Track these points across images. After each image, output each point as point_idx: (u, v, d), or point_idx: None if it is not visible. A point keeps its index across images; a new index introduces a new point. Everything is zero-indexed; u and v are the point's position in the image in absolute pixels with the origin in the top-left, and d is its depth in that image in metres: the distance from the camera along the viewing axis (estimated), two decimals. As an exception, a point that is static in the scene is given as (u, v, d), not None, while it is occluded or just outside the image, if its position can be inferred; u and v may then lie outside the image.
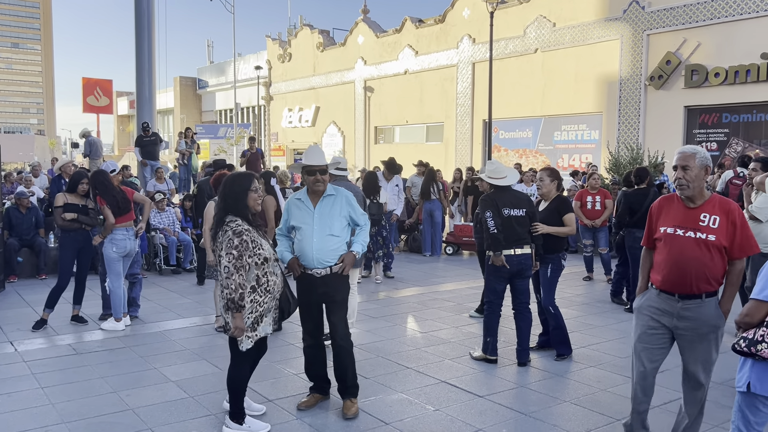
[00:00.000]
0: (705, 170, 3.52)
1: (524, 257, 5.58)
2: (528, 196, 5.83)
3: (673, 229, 3.58)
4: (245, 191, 4.03)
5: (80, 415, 4.48)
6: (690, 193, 3.54)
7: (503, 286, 5.67)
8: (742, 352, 3.02)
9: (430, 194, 12.25)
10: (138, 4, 14.45)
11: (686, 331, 3.55)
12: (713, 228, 3.47)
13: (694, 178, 3.50)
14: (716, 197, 3.57)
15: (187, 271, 10.54)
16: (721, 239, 3.45)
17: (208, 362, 5.70)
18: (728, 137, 15.83)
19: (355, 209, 4.55)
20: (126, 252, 6.84)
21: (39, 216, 10.29)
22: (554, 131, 19.82)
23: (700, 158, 3.51)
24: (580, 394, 4.95)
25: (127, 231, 6.82)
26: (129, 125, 55.57)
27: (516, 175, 5.83)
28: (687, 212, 3.57)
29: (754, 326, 3.03)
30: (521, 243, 5.55)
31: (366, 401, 4.75)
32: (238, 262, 3.85)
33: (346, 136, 28.60)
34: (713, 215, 3.48)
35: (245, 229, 3.93)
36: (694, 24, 15.95)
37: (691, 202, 3.57)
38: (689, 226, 3.53)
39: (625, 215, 7.82)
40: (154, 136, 14.22)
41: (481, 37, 21.15)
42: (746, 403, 3.06)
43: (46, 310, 6.84)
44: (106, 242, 6.76)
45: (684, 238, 3.52)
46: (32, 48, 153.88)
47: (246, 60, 40.09)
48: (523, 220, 5.56)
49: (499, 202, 5.53)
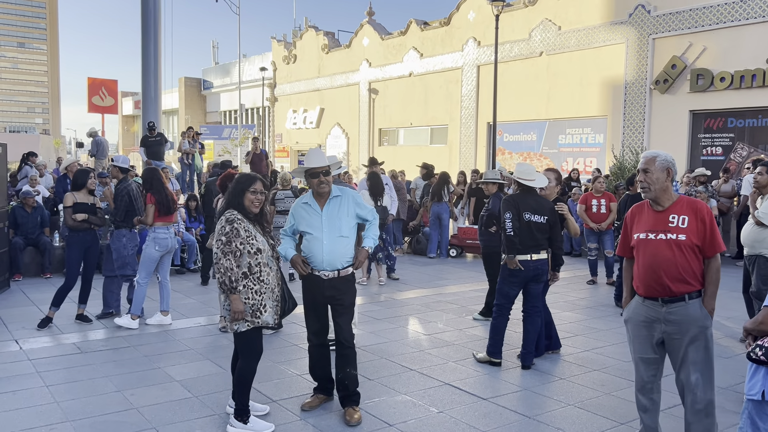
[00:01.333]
0: (666, 172, 3.59)
1: (540, 263, 5.56)
2: (552, 204, 5.72)
3: (645, 234, 3.64)
4: (243, 191, 4.16)
5: (85, 414, 4.49)
6: (653, 195, 3.61)
7: (516, 291, 5.64)
8: (759, 361, 2.98)
9: (442, 197, 12.29)
10: (144, 5, 14.49)
11: (676, 334, 3.57)
12: (682, 228, 3.53)
13: (655, 180, 3.58)
14: (684, 198, 3.64)
15: (192, 271, 10.56)
16: (691, 238, 3.51)
17: (212, 362, 5.71)
18: (733, 142, 15.79)
19: (362, 207, 4.58)
20: (167, 250, 6.96)
21: (44, 215, 10.32)
22: (559, 134, 19.80)
23: (661, 161, 3.60)
24: (584, 398, 4.95)
25: (168, 229, 6.93)
26: (134, 125, 55.64)
27: (544, 181, 5.74)
28: (656, 216, 3.63)
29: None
30: (539, 249, 5.53)
31: (370, 403, 4.75)
32: (227, 247, 4.01)
33: (351, 138, 28.63)
34: (682, 215, 3.56)
35: (238, 219, 4.10)
36: (700, 28, 15.93)
37: (659, 205, 3.63)
38: (659, 228, 3.59)
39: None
40: (159, 137, 14.23)
41: (486, 40, 21.16)
42: (756, 411, 3.04)
43: (52, 309, 6.87)
44: (148, 241, 6.87)
45: (656, 241, 3.58)
46: (38, 48, 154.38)
47: (251, 61, 40.16)
48: (542, 226, 5.52)
49: (522, 206, 5.50)
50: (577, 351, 6.22)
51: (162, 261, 7.03)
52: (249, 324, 4.12)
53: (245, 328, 4.12)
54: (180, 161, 16.21)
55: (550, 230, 5.58)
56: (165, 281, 7.11)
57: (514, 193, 5.74)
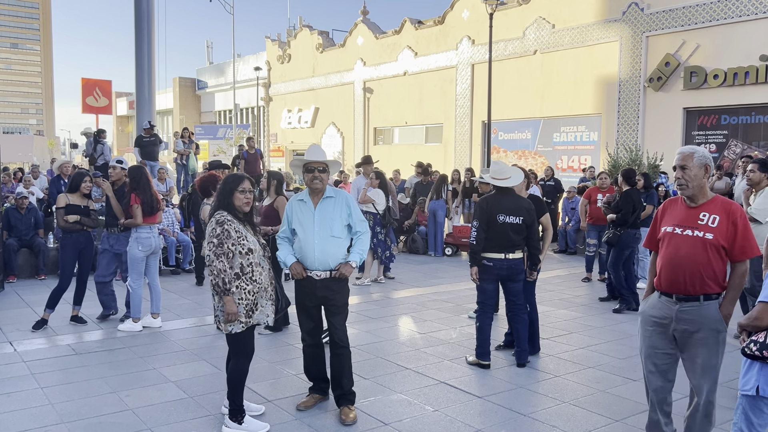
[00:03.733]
0: (704, 169, 3.52)
1: (515, 262, 5.53)
2: (531, 204, 5.66)
3: (672, 228, 3.57)
4: (232, 191, 4.17)
5: (80, 416, 4.48)
6: (690, 193, 3.53)
7: (492, 286, 5.62)
8: (753, 356, 2.99)
9: (441, 194, 12.38)
10: (138, 5, 14.45)
11: (685, 334, 3.50)
12: (712, 227, 3.44)
13: (693, 177, 3.49)
14: (719, 198, 3.56)
15: (186, 271, 10.54)
16: (719, 238, 3.41)
17: (207, 362, 5.70)
18: (727, 139, 15.85)
19: (354, 214, 4.52)
20: (151, 250, 6.88)
21: (38, 216, 10.29)
22: (553, 132, 19.83)
23: (699, 157, 3.51)
24: (579, 395, 4.96)
25: (151, 229, 6.86)
26: (128, 126, 55.52)
27: (520, 176, 5.69)
28: (688, 211, 3.56)
29: (764, 329, 3.01)
30: (514, 249, 5.50)
31: (365, 402, 4.75)
32: (219, 249, 4.02)
33: (346, 137, 28.60)
34: (713, 214, 3.46)
35: (228, 220, 4.10)
36: (693, 26, 15.97)
37: (692, 201, 3.56)
38: (688, 224, 3.52)
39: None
40: (154, 137, 14.20)
41: (481, 39, 21.16)
42: (750, 406, 3.05)
43: (47, 311, 6.85)
44: (131, 242, 6.79)
45: (681, 236, 3.51)
46: (31, 48, 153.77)
47: (245, 61, 40.08)
48: (518, 227, 5.48)
49: (495, 209, 5.46)
50: (572, 348, 6.24)
51: (149, 263, 6.97)
52: (243, 325, 4.12)
53: (239, 330, 4.12)
54: (174, 161, 16.18)
55: (527, 230, 5.54)
56: (154, 283, 7.04)
57: (488, 195, 5.67)
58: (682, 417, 3.69)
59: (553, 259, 12.28)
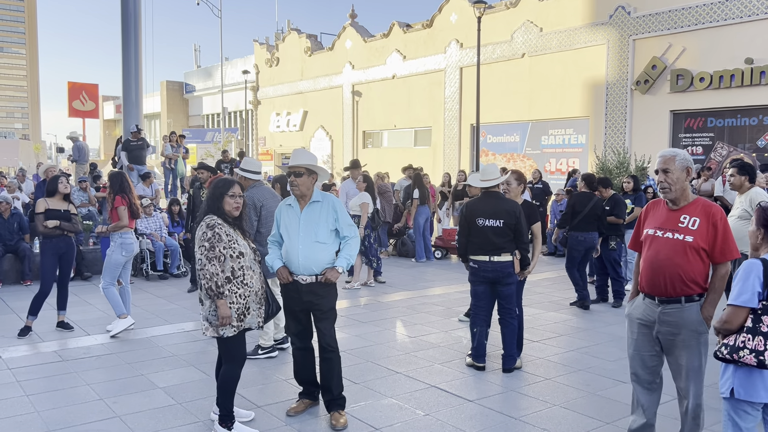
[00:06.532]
0: (686, 172, 3.55)
1: (501, 265, 5.51)
2: (515, 206, 5.57)
3: (654, 230, 3.61)
4: (222, 195, 4.16)
5: (66, 423, 4.42)
6: (673, 196, 3.56)
7: (481, 288, 5.63)
8: (725, 359, 3.03)
9: (425, 198, 12.35)
10: (124, 8, 14.34)
11: (668, 336, 3.53)
12: (692, 229, 3.46)
13: (676, 180, 3.53)
14: (700, 200, 3.58)
15: (175, 276, 10.46)
16: (699, 241, 3.43)
17: (195, 368, 5.65)
18: (713, 141, 15.98)
19: (341, 218, 4.47)
20: (132, 254, 6.93)
21: (23, 222, 10.17)
22: (542, 135, 19.91)
23: (680, 160, 3.55)
24: (569, 398, 4.96)
25: (132, 234, 6.92)
26: (115, 130, 55.18)
27: (497, 174, 5.61)
28: (669, 214, 3.60)
29: (734, 332, 3.03)
30: (499, 251, 5.49)
31: (356, 406, 4.73)
32: (210, 252, 4.00)
33: (334, 141, 28.57)
34: (693, 217, 3.49)
35: (218, 223, 4.09)
36: (680, 29, 16.10)
37: (674, 204, 3.59)
38: (668, 227, 3.55)
39: (568, 216, 8.21)
40: (141, 141, 14.10)
41: (469, 42, 21.22)
42: (733, 409, 3.08)
43: (29, 317, 6.75)
44: (114, 247, 6.77)
45: (662, 239, 3.54)
46: (17, 52, 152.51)
47: (233, 64, 40.00)
48: (500, 230, 5.46)
49: (474, 212, 5.51)
50: (562, 351, 6.24)
51: (124, 266, 6.99)
52: (235, 329, 4.09)
53: (232, 333, 4.09)
54: (162, 165, 16.08)
55: (513, 232, 5.51)
56: (127, 286, 7.14)
57: (471, 200, 5.71)
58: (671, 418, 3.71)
59: (542, 261, 12.31)
